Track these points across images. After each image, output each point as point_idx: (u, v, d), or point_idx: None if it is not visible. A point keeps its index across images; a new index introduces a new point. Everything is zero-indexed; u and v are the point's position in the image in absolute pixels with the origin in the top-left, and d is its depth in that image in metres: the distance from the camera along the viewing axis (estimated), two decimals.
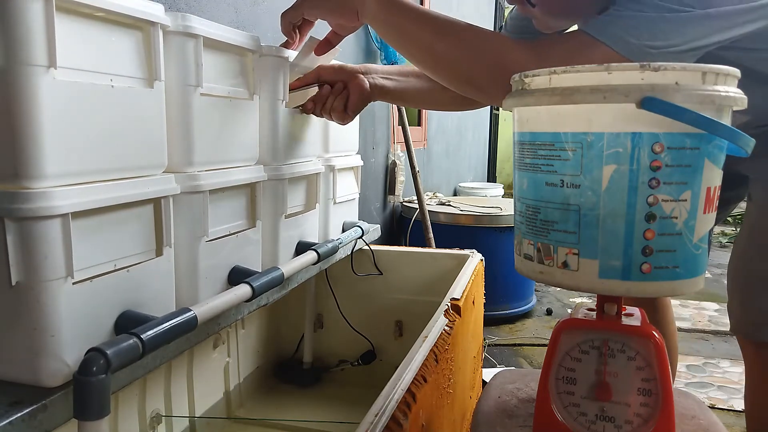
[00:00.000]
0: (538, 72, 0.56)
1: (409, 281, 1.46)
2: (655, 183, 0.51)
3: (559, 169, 0.54)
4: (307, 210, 1.06)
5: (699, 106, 0.50)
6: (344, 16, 0.85)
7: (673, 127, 0.50)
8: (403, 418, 0.67)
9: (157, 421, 1.05)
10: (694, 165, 0.51)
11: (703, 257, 0.54)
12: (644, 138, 0.50)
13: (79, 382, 0.51)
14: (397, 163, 2.69)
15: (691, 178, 0.51)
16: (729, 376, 2.04)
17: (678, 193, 0.51)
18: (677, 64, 0.50)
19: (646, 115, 0.49)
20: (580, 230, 0.54)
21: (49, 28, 0.52)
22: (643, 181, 0.51)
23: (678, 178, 0.51)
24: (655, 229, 0.51)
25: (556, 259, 0.56)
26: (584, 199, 0.53)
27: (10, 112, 0.51)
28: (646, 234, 0.51)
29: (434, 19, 0.80)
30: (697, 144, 0.51)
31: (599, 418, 0.58)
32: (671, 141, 0.50)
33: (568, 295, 2.98)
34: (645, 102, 0.48)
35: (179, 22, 0.70)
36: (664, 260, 0.52)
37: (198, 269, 0.75)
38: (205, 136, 0.76)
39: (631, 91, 0.49)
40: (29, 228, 0.52)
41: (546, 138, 0.56)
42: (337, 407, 1.36)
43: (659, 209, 0.51)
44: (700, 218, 0.52)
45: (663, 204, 0.51)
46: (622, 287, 0.53)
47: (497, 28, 5.70)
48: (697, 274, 0.54)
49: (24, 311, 0.53)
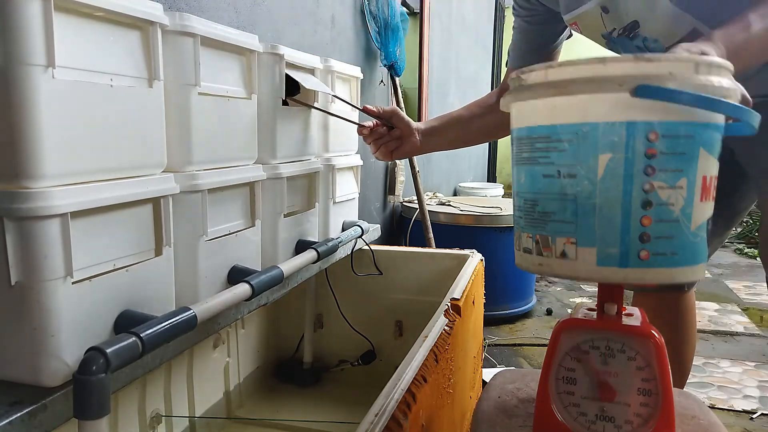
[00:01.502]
0: (533, 68, 0.57)
1: (409, 281, 1.46)
2: (651, 170, 0.51)
3: (556, 161, 0.55)
4: (307, 209, 1.06)
5: None
6: None
7: (667, 115, 0.51)
8: (403, 418, 0.67)
9: (157, 421, 1.05)
10: (689, 153, 0.52)
11: (702, 246, 0.55)
12: (639, 126, 0.51)
13: (79, 382, 0.51)
14: (397, 163, 2.69)
15: (687, 165, 0.52)
16: (729, 376, 2.04)
17: (674, 180, 0.52)
18: (670, 56, 0.52)
19: (640, 104, 0.50)
20: (577, 219, 0.54)
21: (47, 27, 0.52)
22: (639, 168, 0.52)
23: (673, 165, 0.52)
24: (652, 215, 0.52)
25: (554, 250, 0.56)
26: (580, 189, 0.54)
27: (9, 111, 0.51)
28: (643, 221, 0.52)
29: None
30: (692, 132, 0.52)
31: (599, 418, 0.58)
32: (666, 129, 0.51)
33: (568, 295, 2.98)
34: (639, 89, 0.49)
35: (178, 22, 0.70)
36: (662, 247, 0.52)
37: (197, 268, 0.75)
38: (204, 135, 0.76)
39: (625, 80, 0.50)
40: (28, 228, 0.52)
41: (542, 131, 0.57)
42: (337, 407, 1.36)
43: (655, 196, 0.52)
44: (697, 206, 0.53)
45: (659, 191, 0.52)
46: (620, 274, 0.53)
47: (497, 27, 5.70)
48: (697, 262, 0.55)
49: (23, 311, 0.53)
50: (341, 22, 2.04)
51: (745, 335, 2.44)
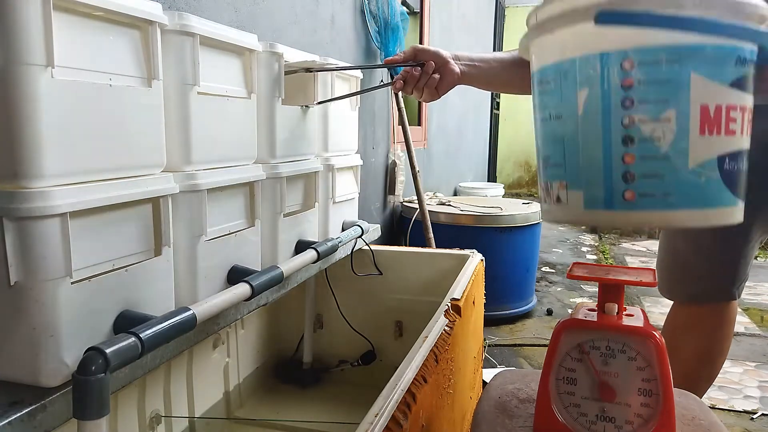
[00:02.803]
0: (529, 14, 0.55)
1: (409, 281, 1.46)
2: (629, 103, 0.48)
3: (547, 103, 0.54)
4: (306, 209, 1.06)
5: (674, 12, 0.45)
6: None
7: (642, 40, 0.46)
8: (403, 418, 0.67)
9: (157, 422, 1.05)
10: (675, 80, 0.47)
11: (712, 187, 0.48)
12: (612, 56, 0.48)
13: (78, 382, 0.51)
14: (397, 163, 2.69)
15: (673, 94, 0.47)
16: (729, 376, 2.04)
17: (657, 112, 0.47)
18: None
19: (611, 33, 0.47)
20: (565, 162, 0.52)
21: (47, 27, 0.51)
22: (616, 102, 0.48)
23: (655, 95, 0.47)
24: (635, 152, 0.48)
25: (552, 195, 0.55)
26: (565, 129, 0.52)
27: (8, 111, 0.51)
28: (625, 158, 0.48)
29: None
30: (676, 57, 0.46)
31: (600, 418, 0.57)
32: (642, 56, 0.47)
33: (569, 295, 2.98)
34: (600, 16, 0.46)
35: (177, 21, 0.70)
36: (650, 187, 0.48)
37: (197, 268, 0.75)
38: (203, 134, 0.76)
39: (589, 8, 0.47)
40: (28, 228, 0.52)
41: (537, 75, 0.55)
42: (337, 407, 1.36)
43: (636, 131, 0.48)
44: (695, 140, 0.47)
45: (641, 125, 0.48)
46: (606, 217, 0.50)
47: (497, 27, 5.69)
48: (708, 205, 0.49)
49: (23, 311, 0.53)
50: (341, 21, 2.03)
51: (745, 335, 2.44)
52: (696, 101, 0.47)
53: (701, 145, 0.47)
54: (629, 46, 0.47)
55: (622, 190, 0.49)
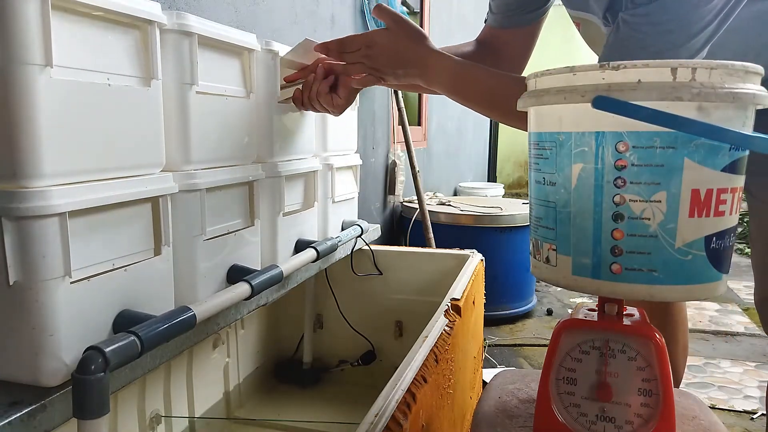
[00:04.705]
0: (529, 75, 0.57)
1: (409, 281, 1.45)
2: (621, 182, 0.50)
3: (543, 167, 0.56)
4: (306, 208, 1.06)
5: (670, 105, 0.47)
6: (408, 87, 0.88)
7: (638, 125, 0.48)
8: (403, 418, 0.67)
9: (157, 422, 1.05)
10: (668, 165, 0.48)
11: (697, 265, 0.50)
12: (607, 137, 0.50)
13: (78, 381, 0.51)
14: (397, 163, 2.69)
15: (665, 178, 0.49)
16: (729, 376, 2.04)
17: (648, 194, 0.49)
18: (639, 62, 0.48)
19: (607, 115, 0.48)
20: (556, 227, 0.55)
21: (45, 26, 0.51)
22: (609, 180, 0.50)
23: (647, 178, 0.49)
24: (624, 229, 0.50)
25: (542, 254, 0.57)
26: (558, 197, 0.54)
27: (6, 111, 0.51)
28: (614, 234, 0.51)
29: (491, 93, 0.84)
30: (672, 143, 0.48)
31: (600, 418, 0.57)
32: (637, 140, 0.49)
33: (569, 296, 2.98)
34: (596, 101, 0.48)
35: (175, 21, 0.70)
36: (637, 262, 0.50)
37: (196, 268, 0.75)
38: (202, 134, 0.76)
39: (587, 91, 0.49)
40: (27, 227, 0.52)
41: (534, 138, 0.58)
42: (337, 407, 1.36)
43: (627, 209, 0.50)
44: (684, 222, 0.49)
45: (631, 204, 0.50)
46: (593, 286, 0.53)
47: None
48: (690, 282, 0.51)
49: (22, 311, 0.53)
50: (341, 21, 2.04)
51: (745, 335, 2.44)
52: (688, 185, 0.49)
53: (690, 227, 0.49)
54: (625, 129, 0.49)
55: (609, 263, 0.51)
